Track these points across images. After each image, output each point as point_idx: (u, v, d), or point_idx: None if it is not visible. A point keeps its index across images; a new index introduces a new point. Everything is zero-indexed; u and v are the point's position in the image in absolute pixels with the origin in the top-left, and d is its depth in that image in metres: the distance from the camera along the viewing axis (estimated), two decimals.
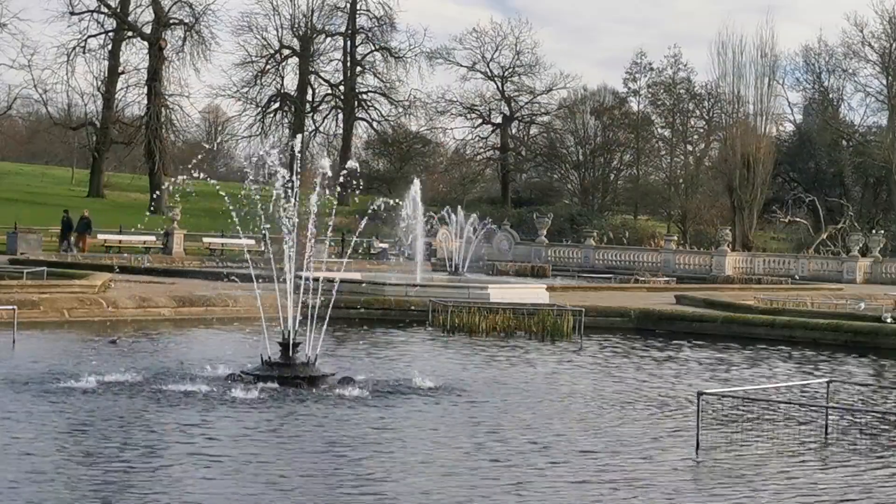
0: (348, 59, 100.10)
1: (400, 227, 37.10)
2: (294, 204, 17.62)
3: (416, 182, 38.62)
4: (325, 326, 17.52)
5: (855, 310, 31.82)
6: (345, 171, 18.35)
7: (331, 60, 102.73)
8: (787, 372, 21.63)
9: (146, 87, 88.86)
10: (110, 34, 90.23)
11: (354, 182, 17.67)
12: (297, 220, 17.71)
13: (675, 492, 11.26)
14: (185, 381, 16.51)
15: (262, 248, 17.61)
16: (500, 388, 17.67)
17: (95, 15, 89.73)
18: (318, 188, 17.74)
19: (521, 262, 59.43)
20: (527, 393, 17.26)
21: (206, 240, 60.02)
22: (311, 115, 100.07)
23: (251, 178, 17.47)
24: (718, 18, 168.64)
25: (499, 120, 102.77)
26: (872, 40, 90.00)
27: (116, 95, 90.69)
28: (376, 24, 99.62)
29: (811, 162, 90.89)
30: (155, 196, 54.63)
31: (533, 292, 33.13)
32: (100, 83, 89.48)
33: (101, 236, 57.81)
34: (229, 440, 12.93)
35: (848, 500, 11.29)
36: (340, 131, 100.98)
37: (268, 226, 17.43)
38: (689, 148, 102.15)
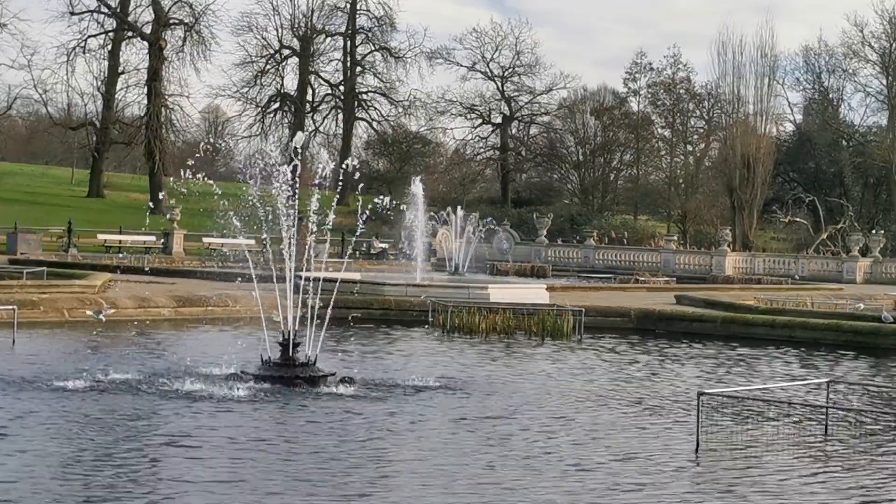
0: (348, 59, 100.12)
1: (403, 230, 37.01)
2: (294, 203, 17.60)
3: (419, 184, 38.55)
4: (325, 326, 17.53)
5: (855, 310, 31.82)
6: (343, 167, 18.31)
7: (331, 60, 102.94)
8: (787, 372, 21.64)
9: (146, 87, 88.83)
10: (110, 34, 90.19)
11: (356, 177, 17.60)
12: (296, 219, 17.69)
13: (675, 491, 11.26)
14: (185, 380, 16.52)
15: (261, 249, 17.58)
16: (501, 387, 17.68)
17: (95, 15, 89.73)
18: (317, 186, 17.72)
19: (521, 262, 59.37)
20: (527, 392, 17.26)
21: (206, 240, 59.95)
22: (311, 115, 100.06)
23: (249, 177, 17.45)
24: (718, 18, 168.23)
25: (499, 120, 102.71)
26: (872, 40, 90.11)
27: (116, 95, 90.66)
28: (376, 24, 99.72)
29: (811, 162, 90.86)
30: (158, 197, 54.53)
31: (533, 292, 33.12)
32: (100, 83, 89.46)
33: (101, 236, 57.77)
34: (229, 439, 12.93)
35: (848, 500, 11.29)
36: (340, 131, 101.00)
37: (268, 227, 17.43)
38: (689, 148, 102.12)
